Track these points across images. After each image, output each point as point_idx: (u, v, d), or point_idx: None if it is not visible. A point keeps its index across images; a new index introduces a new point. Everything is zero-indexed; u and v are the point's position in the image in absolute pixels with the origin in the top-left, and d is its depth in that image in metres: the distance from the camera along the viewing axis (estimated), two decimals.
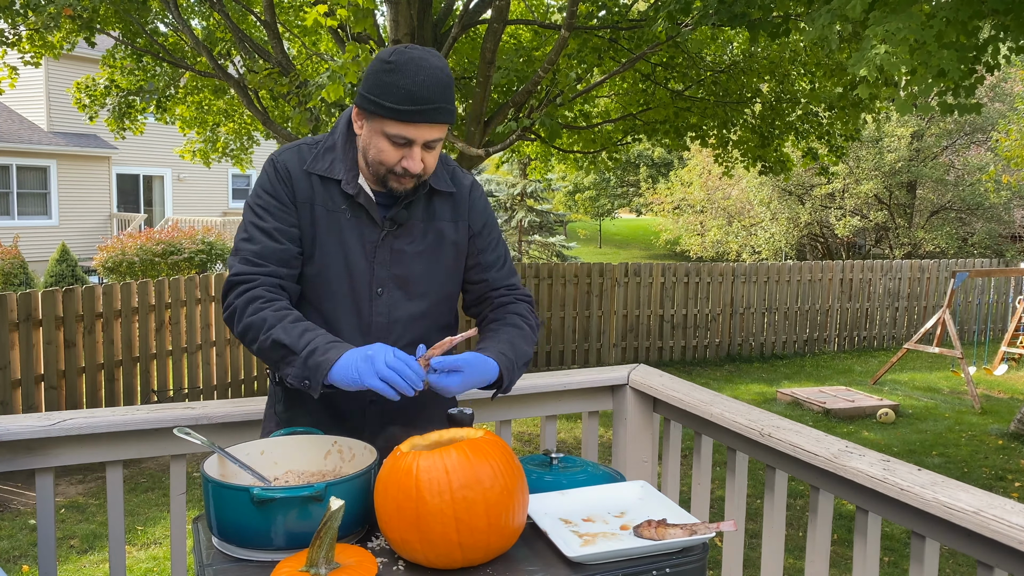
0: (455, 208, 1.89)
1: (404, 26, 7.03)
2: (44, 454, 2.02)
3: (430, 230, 1.85)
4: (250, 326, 1.72)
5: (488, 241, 1.94)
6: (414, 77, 1.64)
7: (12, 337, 5.80)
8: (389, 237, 1.81)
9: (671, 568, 1.48)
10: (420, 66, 1.65)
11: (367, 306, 1.82)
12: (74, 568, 4.56)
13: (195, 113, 10.75)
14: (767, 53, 8.51)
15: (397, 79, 1.65)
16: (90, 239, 19.71)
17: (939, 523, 1.68)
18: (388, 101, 1.65)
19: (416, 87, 1.64)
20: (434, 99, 1.65)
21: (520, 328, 1.90)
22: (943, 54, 3.90)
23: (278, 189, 1.80)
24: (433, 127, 1.69)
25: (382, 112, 1.66)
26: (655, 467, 2.65)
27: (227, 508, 1.47)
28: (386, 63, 1.67)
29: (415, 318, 1.86)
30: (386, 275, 1.82)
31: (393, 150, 1.70)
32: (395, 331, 1.84)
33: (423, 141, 1.70)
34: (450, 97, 1.69)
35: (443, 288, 1.90)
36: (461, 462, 1.42)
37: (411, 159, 1.70)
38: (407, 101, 1.64)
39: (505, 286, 1.97)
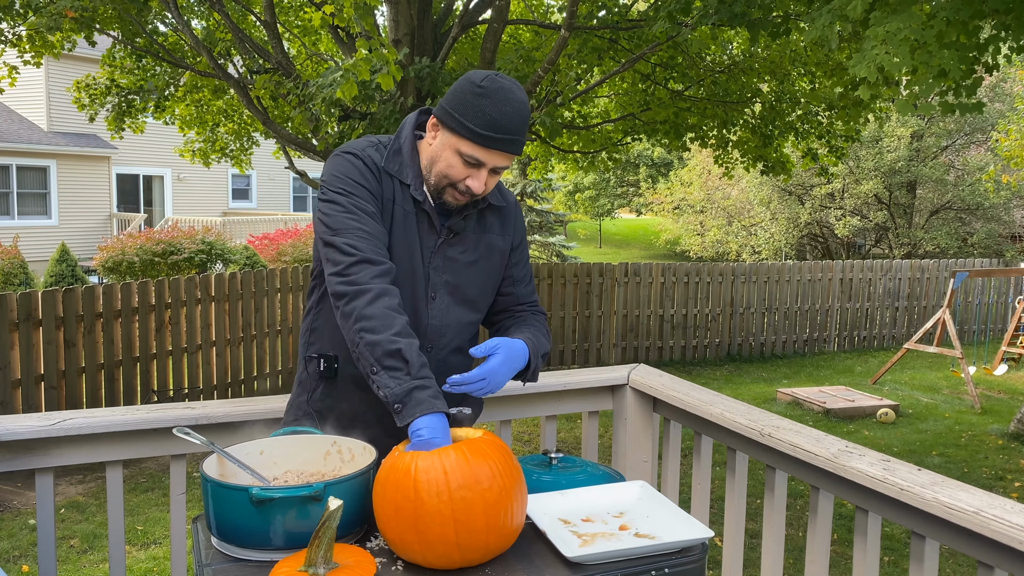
0: (503, 222, 1.96)
1: (404, 26, 7.03)
2: (44, 454, 2.02)
3: (481, 241, 1.91)
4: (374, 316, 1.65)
5: (521, 256, 2.03)
6: (502, 107, 1.71)
7: (12, 337, 5.79)
8: (444, 245, 1.87)
9: (670, 568, 1.48)
10: (508, 97, 1.72)
11: (423, 309, 1.87)
12: (74, 568, 4.55)
13: (194, 113, 10.75)
14: (767, 53, 8.50)
15: (485, 104, 1.70)
16: (90, 239, 19.71)
17: (939, 523, 1.68)
18: (472, 123, 1.71)
19: (501, 116, 1.70)
20: (514, 131, 1.72)
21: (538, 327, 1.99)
22: (944, 54, 3.90)
23: (370, 180, 1.80)
24: (506, 156, 1.76)
25: (463, 132, 1.72)
26: (655, 467, 2.65)
27: (226, 508, 1.47)
28: (478, 87, 1.72)
29: (463, 324, 1.92)
30: (439, 281, 1.87)
31: (462, 168, 1.76)
32: (446, 335, 1.89)
33: (492, 166, 1.76)
34: (526, 130, 1.76)
35: (487, 298, 1.98)
36: (459, 462, 1.42)
37: (477, 180, 1.76)
38: (490, 127, 1.70)
39: (528, 302, 2.06)
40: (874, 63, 3.82)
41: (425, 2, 7.23)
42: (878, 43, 3.85)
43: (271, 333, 8.13)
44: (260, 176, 25.21)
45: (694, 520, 1.59)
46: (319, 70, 9.65)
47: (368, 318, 1.65)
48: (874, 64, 3.82)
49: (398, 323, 1.66)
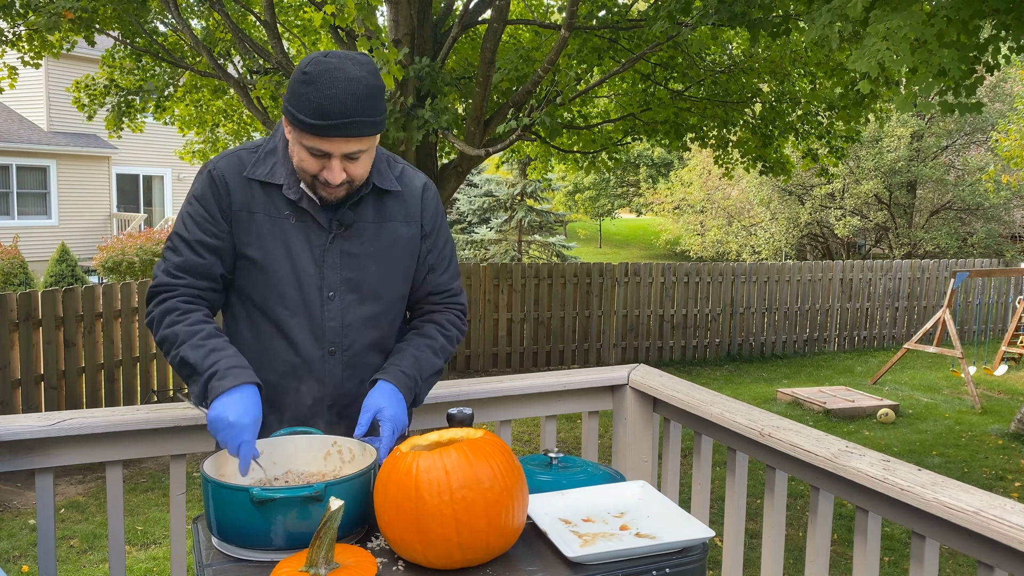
0: (407, 208, 1.86)
1: (404, 26, 7.04)
2: (44, 454, 2.02)
3: (382, 231, 1.83)
4: (164, 339, 1.72)
5: (435, 241, 1.92)
6: (327, 90, 1.59)
7: (12, 337, 5.79)
8: (338, 240, 1.79)
9: (671, 568, 1.48)
10: (335, 78, 1.59)
11: (319, 311, 1.80)
12: (74, 568, 4.55)
13: (194, 113, 10.75)
14: (767, 54, 8.50)
15: (310, 92, 1.60)
16: (90, 239, 19.71)
17: (939, 523, 1.68)
18: (302, 114, 1.61)
19: (328, 101, 1.59)
20: (347, 113, 1.60)
21: (431, 339, 1.90)
22: (944, 53, 3.90)
23: (209, 199, 1.77)
24: (349, 141, 1.64)
25: (297, 124, 1.63)
26: (655, 467, 2.65)
27: (227, 508, 1.47)
28: (303, 73, 1.62)
29: (368, 321, 1.84)
30: (337, 278, 1.79)
31: (313, 161, 1.68)
32: (349, 335, 1.82)
33: (340, 154, 1.66)
34: (368, 108, 1.62)
35: (397, 289, 1.88)
36: (461, 462, 1.42)
37: (330, 171, 1.67)
38: (318, 115, 1.60)
39: (443, 291, 1.96)
40: (875, 59, 3.82)
41: (425, 2, 7.23)
42: (879, 40, 3.85)
43: None
44: None
45: (694, 520, 1.59)
46: None
47: (162, 343, 1.74)
48: (875, 60, 3.83)
49: (180, 332, 1.70)
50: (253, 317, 1.82)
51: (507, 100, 7.32)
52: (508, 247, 21.75)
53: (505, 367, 10.15)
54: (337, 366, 1.82)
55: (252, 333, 1.83)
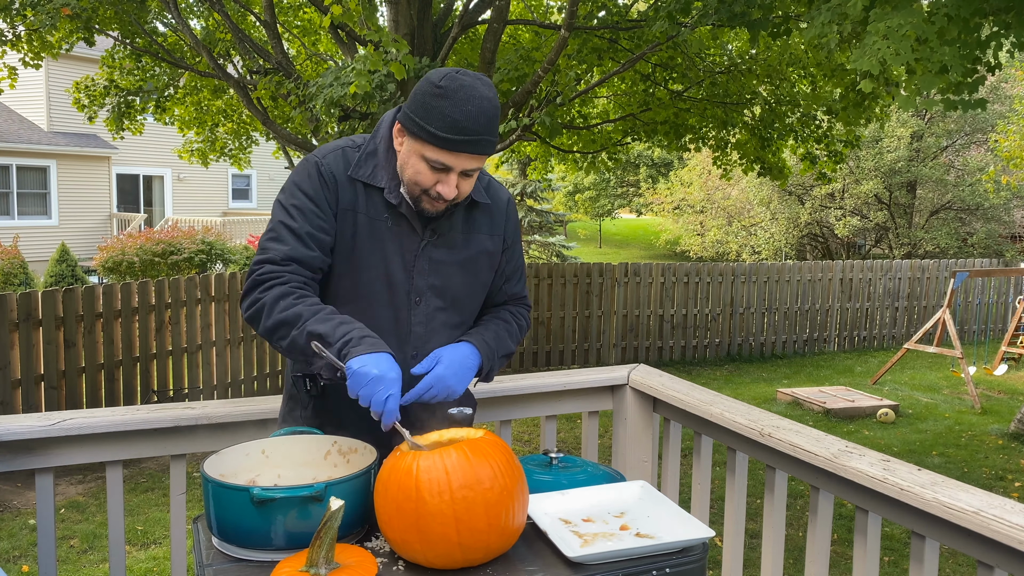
0: (492, 221, 1.90)
1: (404, 26, 7.03)
2: (44, 454, 2.02)
3: (469, 242, 1.85)
4: (282, 322, 1.66)
5: (513, 253, 1.97)
6: (463, 107, 1.60)
7: (12, 337, 5.79)
8: (429, 247, 1.80)
9: (671, 568, 1.48)
10: (470, 95, 1.61)
11: (406, 315, 1.81)
12: (74, 568, 4.55)
13: (194, 113, 10.75)
14: (766, 55, 8.50)
15: (444, 106, 1.61)
16: (90, 239, 19.71)
17: (939, 523, 1.68)
18: (432, 127, 1.62)
19: (463, 117, 1.60)
20: (479, 131, 1.62)
21: (507, 323, 1.94)
22: (945, 50, 3.90)
23: (319, 193, 1.76)
24: (473, 157, 1.66)
25: (424, 136, 1.63)
26: (655, 467, 2.65)
27: (227, 508, 1.47)
28: (436, 87, 1.62)
29: (452, 327, 1.86)
30: (424, 285, 1.81)
31: (430, 174, 1.68)
32: (433, 340, 1.83)
33: (461, 169, 1.67)
34: (494, 129, 1.66)
35: (477, 299, 1.92)
36: (461, 462, 1.42)
37: (447, 185, 1.68)
38: (452, 130, 1.61)
39: (516, 297, 2.02)
40: (876, 57, 3.82)
41: (425, 2, 7.23)
42: (879, 38, 3.85)
43: None
44: (260, 176, 25.22)
45: (694, 520, 1.59)
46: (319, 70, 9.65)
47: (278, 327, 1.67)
48: (875, 58, 3.83)
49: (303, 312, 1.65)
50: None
51: (507, 100, 7.32)
52: None
53: (505, 367, 10.14)
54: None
55: None
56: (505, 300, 2.00)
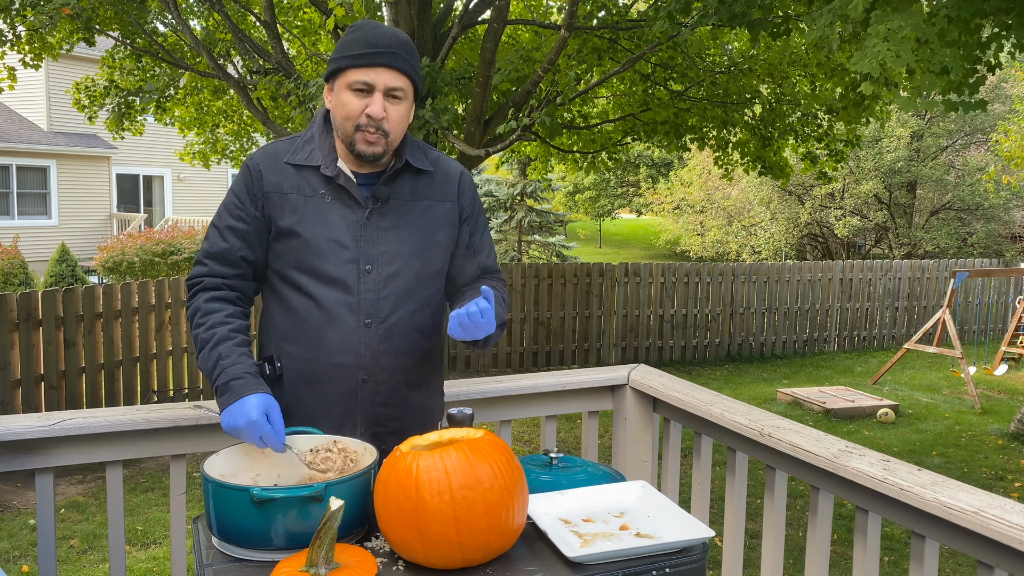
0: (444, 188, 1.94)
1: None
2: (44, 454, 2.02)
3: (417, 208, 1.89)
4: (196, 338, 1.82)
5: (476, 224, 2.00)
6: (372, 30, 1.77)
7: (12, 337, 5.79)
8: (375, 215, 1.85)
9: (671, 568, 1.48)
10: (379, 25, 1.78)
11: (356, 284, 1.84)
12: (74, 568, 4.55)
13: (194, 114, 10.74)
14: (767, 55, 8.50)
15: (356, 34, 1.77)
16: (90, 239, 19.71)
17: (939, 523, 1.68)
18: (347, 54, 1.76)
19: (374, 36, 1.75)
20: (391, 45, 1.76)
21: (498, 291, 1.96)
22: (946, 52, 3.90)
23: (241, 187, 1.87)
24: (392, 72, 1.76)
25: (342, 64, 1.77)
26: (655, 467, 2.65)
27: (227, 508, 1.47)
28: (350, 28, 1.80)
29: (404, 294, 1.88)
30: (374, 252, 1.85)
31: (356, 100, 1.77)
32: (385, 307, 1.85)
33: (383, 86, 1.76)
34: (409, 51, 1.78)
35: (432, 264, 1.92)
36: (461, 462, 1.42)
37: (374, 104, 1.76)
38: (364, 46, 1.75)
39: (492, 271, 2.03)
40: (876, 59, 3.82)
41: (425, 2, 7.23)
42: (880, 40, 3.85)
43: None
44: None
45: (694, 520, 1.59)
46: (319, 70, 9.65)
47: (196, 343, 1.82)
48: (876, 60, 3.82)
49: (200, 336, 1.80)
50: (290, 294, 1.87)
51: (507, 100, 7.32)
52: (508, 247, 21.76)
53: (505, 367, 10.15)
54: (373, 338, 1.85)
55: (289, 310, 1.88)
56: (479, 274, 2.01)
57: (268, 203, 1.84)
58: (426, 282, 1.92)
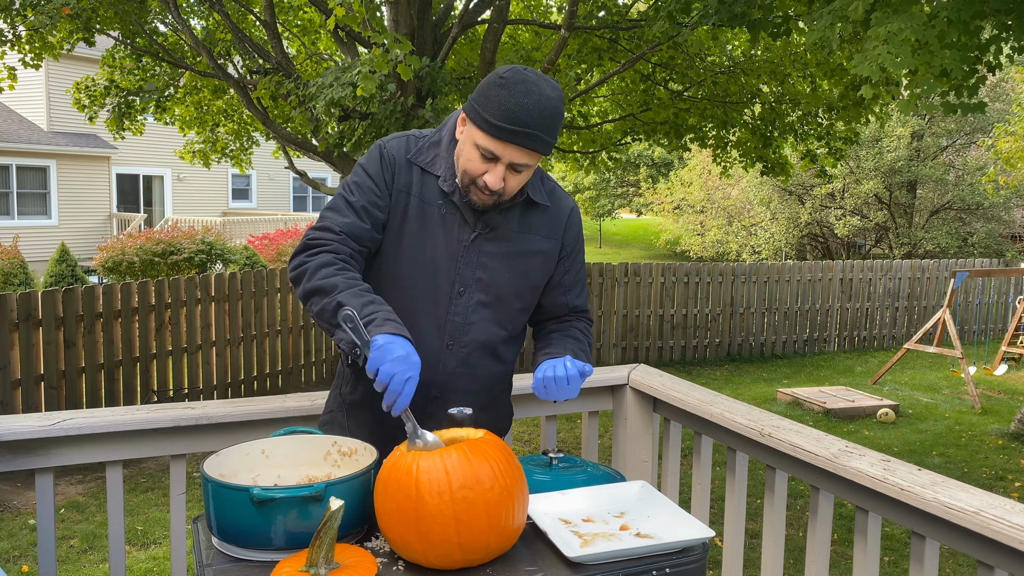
0: (551, 225, 1.89)
1: (404, 26, 7.03)
2: (44, 454, 2.02)
3: (523, 240, 1.85)
4: (317, 289, 1.69)
5: (574, 263, 1.96)
6: (519, 99, 1.63)
7: (12, 337, 5.79)
8: (480, 239, 1.81)
9: (671, 568, 1.48)
10: (530, 89, 1.64)
11: (446, 303, 1.82)
12: (74, 568, 4.55)
13: (194, 113, 10.75)
14: (767, 55, 8.50)
15: (502, 95, 1.63)
16: (90, 239, 19.71)
17: (939, 523, 1.68)
18: (487, 113, 1.65)
19: (517, 108, 1.62)
20: (531, 124, 1.63)
21: (580, 341, 1.93)
22: (945, 54, 3.90)
23: (378, 172, 1.82)
24: (523, 151, 1.67)
25: (479, 123, 1.66)
26: (655, 467, 2.65)
27: (227, 508, 1.47)
28: (500, 78, 1.66)
29: (490, 323, 1.86)
30: (471, 276, 1.82)
31: (480, 162, 1.70)
32: (470, 332, 1.84)
33: (509, 161, 1.68)
34: (550, 128, 1.66)
35: (524, 299, 1.90)
36: (461, 462, 1.42)
37: (493, 175, 1.69)
38: (504, 119, 1.63)
39: (580, 310, 2.01)
40: (876, 62, 3.82)
41: (425, 2, 7.23)
42: (880, 43, 3.85)
43: (271, 333, 8.13)
44: (260, 176, 25.21)
45: (694, 520, 1.59)
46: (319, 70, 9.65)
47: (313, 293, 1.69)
48: (876, 63, 3.83)
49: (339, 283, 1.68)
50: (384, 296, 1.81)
51: None
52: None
53: None
54: (452, 360, 1.83)
55: None
56: (567, 313, 1.99)
57: (395, 199, 1.82)
58: (514, 315, 1.90)
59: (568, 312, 1.99)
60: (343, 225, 1.78)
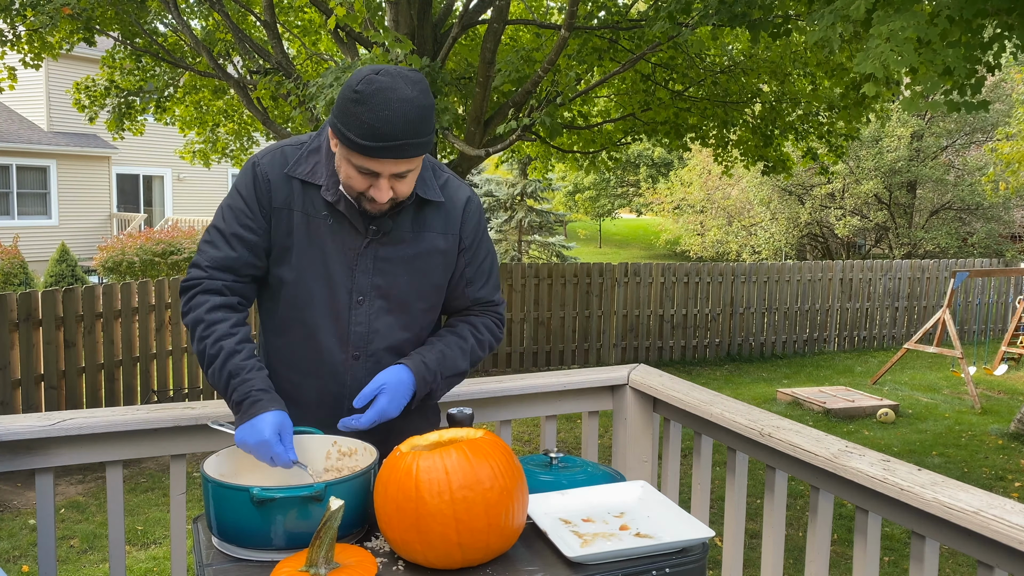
0: (447, 220, 1.83)
1: (404, 26, 7.03)
2: (44, 454, 2.02)
3: (418, 240, 1.80)
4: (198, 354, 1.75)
5: (475, 255, 1.90)
6: (379, 112, 1.55)
7: (12, 337, 5.79)
8: (373, 245, 1.77)
9: (671, 568, 1.48)
10: (388, 98, 1.55)
11: (346, 314, 1.79)
12: (74, 568, 4.55)
13: (194, 113, 10.75)
14: (767, 54, 8.50)
15: (361, 112, 1.56)
16: (90, 239, 19.71)
17: (939, 523, 1.68)
18: (351, 133, 1.58)
19: (380, 123, 1.55)
20: (398, 135, 1.56)
21: (462, 338, 1.89)
22: (948, 52, 3.90)
23: (250, 192, 1.77)
24: (399, 162, 1.61)
25: (346, 143, 1.60)
26: (655, 467, 2.65)
27: (227, 508, 1.47)
28: (354, 92, 1.58)
29: (395, 329, 1.83)
30: (367, 284, 1.78)
31: (360, 178, 1.65)
32: (374, 341, 1.81)
33: (389, 174, 1.63)
34: (419, 130, 1.59)
35: (427, 300, 1.86)
36: (461, 462, 1.42)
37: (378, 189, 1.65)
38: (369, 136, 1.56)
39: (484, 303, 1.95)
40: (879, 60, 3.82)
41: (425, 2, 7.23)
42: (882, 41, 3.85)
43: None
44: None
45: (694, 520, 1.59)
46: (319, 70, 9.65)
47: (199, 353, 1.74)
48: (879, 61, 3.82)
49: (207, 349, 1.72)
50: (282, 315, 1.82)
51: (507, 100, 7.32)
52: (508, 247, 21.76)
53: (505, 367, 10.15)
54: (360, 370, 1.81)
55: (280, 331, 1.85)
56: (469, 305, 1.94)
57: (275, 218, 1.76)
58: (418, 316, 1.86)
59: (472, 304, 1.94)
60: (213, 260, 1.77)
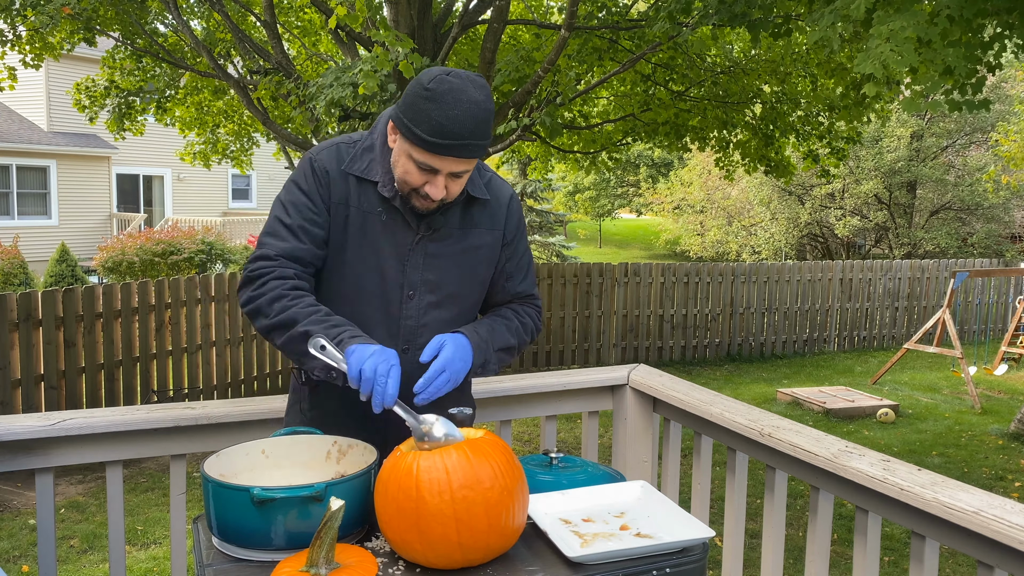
0: (493, 217, 1.90)
1: (404, 26, 7.03)
2: (44, 454, 2.02)
3: (466, 236, 1.86)
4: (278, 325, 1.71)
5: (515, 250, 1.96)
6: (449, 111, 1.61)
7: (12, 337, 5.79)
8: (424, 241, 1.82)
9: (671, 568, 1.48)
10: (458, 99, 1.61)
11: (397, 308, 1.83)
12: (74, 568, 4.55)
13: (194, 114, 10.75)
14: (768, 55, 8.50)
15: (431, 109, 1.61)
16: (90, 239, 19.71)
17: (939, 523, 1.68)
18: (419, 129, 1.63)
19: (449, 121, 1.61)
20: (465, 135, 1.62)
21: (507, 319, 1.93)
22: (949, 52, 3.90)
23: (312, 188, 1.80)
24: (460, 161, 1.67)
25: (412, 138, 1.65)
26: (655, 467, 2.65)
27: (227, 508, 1.47)
28: (425, 89, 1.63)
29: (444, 323, 1.87)
30: (418, 279, 1.83)
31: (418, 174, 1.69)
32: (424, 335, 1.84)
33: (448, 172, 1.69)
34: (484, 132, 1.66)
35: (473, 295, 1.92)
36: (461, 462, 1.42)
37: (434, 186, 1.69)
38: (437, 134, 1.61)
39: (523, 297, 2.00)
40: (879, 60, 3.82)
41: (425, 2, 7.22)
42: (882, 41, 3.85)
43: None
44: (260, 176, 25.22)
45: (694, 520, 1.59)
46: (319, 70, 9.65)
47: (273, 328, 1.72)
48: (879, 61, 3.82)
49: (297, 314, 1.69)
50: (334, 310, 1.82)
51: (507, 100, 7.32)
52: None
53: (505, 367, 10.15)
54: (409, 364, 1.82)
55: None
56: (509, 299, 1.99)
57: (334, 212, 1.80)
58: (464, 311, 1.91)
59: (512, 298, 1.99)
60: (280, 250, 1.78)
